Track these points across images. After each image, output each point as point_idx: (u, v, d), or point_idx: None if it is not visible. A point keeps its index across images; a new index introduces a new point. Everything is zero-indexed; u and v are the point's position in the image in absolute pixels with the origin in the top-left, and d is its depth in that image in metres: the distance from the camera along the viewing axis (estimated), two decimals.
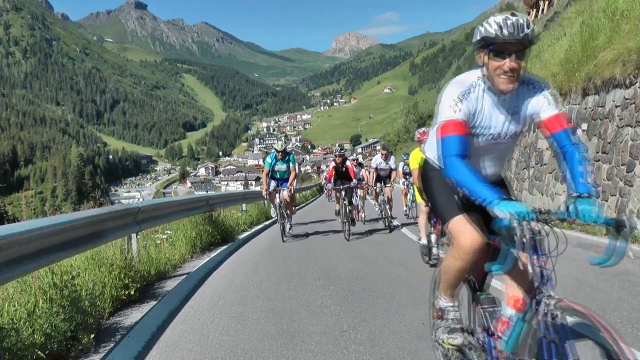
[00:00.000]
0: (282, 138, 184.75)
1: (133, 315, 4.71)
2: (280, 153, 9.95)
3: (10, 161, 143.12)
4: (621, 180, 8.60)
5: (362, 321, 4.28)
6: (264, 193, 10.15)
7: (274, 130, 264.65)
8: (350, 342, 3.79)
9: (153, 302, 5.16)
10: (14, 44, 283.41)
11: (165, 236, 7.77)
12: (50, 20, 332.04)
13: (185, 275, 6.51)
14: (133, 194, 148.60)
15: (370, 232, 10.89)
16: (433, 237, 6.65)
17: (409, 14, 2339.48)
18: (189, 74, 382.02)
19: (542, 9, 32.90)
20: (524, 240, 2.02)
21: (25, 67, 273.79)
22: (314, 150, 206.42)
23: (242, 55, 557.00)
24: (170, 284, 6.06)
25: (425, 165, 2.92)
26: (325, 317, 4.44)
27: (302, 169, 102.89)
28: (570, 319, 2.00)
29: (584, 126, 10.41)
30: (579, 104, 10.81)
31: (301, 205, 22.32)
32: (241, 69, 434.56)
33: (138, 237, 6.43)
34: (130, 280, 5.16)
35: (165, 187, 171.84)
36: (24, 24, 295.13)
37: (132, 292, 5.08)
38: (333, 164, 10.80)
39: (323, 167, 22.52)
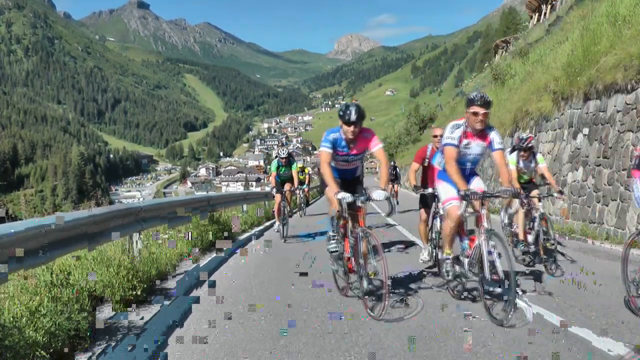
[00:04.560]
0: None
1: (135, 315, 4.73)
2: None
3: (11, 159, 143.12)
4: (622, 185, 8.61)
5: (363, 324, 4.30)
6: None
7: (275, 131, 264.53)
8: (352, 344, 3.80)
9: (154, 303, 5.18)
10: (16, 42, 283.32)
11: (166, 236, 7.79)
12: (53, 19, 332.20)
13: (187, 276, 6.53)
14: (133, 194, 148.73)
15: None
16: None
17: (408, 16, 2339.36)
18: (191, 74, 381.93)
19: (545, 13, 32.96)
20: None
21: (27, 66, 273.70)
22: (315, 152, 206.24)
23: (244, 56, 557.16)
24: (171, 284, 6.08)
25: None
26: (326, 319, 4.46)
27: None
28: None
29: (585, 131, 10.43)
30: (580, 109, 10.83)
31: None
32: (243, 70, 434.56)
33: (140, 236, 6.45)
34: (137, 280, 5.19)
35: (165, 187, 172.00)
36: (26, 22, 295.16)
37: (138, 292, 5.12)
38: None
39: None
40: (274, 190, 10.63)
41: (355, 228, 4.91)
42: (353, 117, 4.87)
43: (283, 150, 11.30)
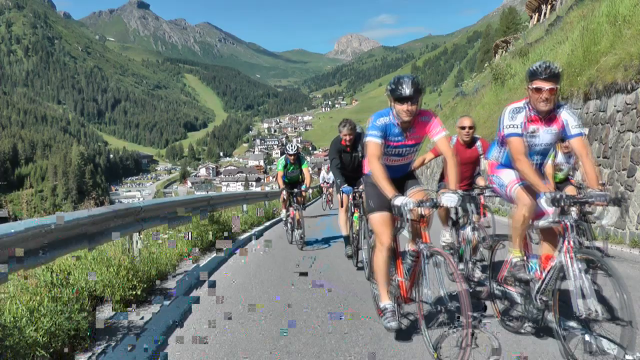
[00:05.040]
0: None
1: (135, 315, 4.73)
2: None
3: (11, 159, 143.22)
4: (622, 185, 8.61)
5: (363, 323, 4.30)
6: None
7: (275, 131, 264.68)
8: (352, 344, 3.80)
9: (154, 303, 5.19)
10: (16, 42, 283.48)
11: (166, 236, 7.80)
12: (53, 19, 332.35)
13: (187, 276, 6.53)
14: (133, 194, 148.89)
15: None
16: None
17: (408, 16, 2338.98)
18: (191, 74, 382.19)
19: (545, 13, 32.95)
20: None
21: (27, 66, 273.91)
22: (315, 152, 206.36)
23: (244, 56, 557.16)
24: (171, 284, 6.08)
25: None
26: (326, 319, 4.46)
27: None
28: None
29: (585, 130, 10.43)
30: (580, 109, 10.84)
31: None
32: (243, 70, 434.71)
33: (140, 236, 6.44)
34: (138, 280, 5.20)
35: (165, 187, 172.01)
36: (26, 22, 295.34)
37: (138, 292, 5.13)
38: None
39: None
40: (284, 192, 9.36)
41: (417, 244, 3.72)
42: (408, 90, 3.62)
43: (291, 145, 9.57)
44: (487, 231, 5.63)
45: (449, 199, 3.50)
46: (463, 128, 5.83)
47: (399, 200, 3.52)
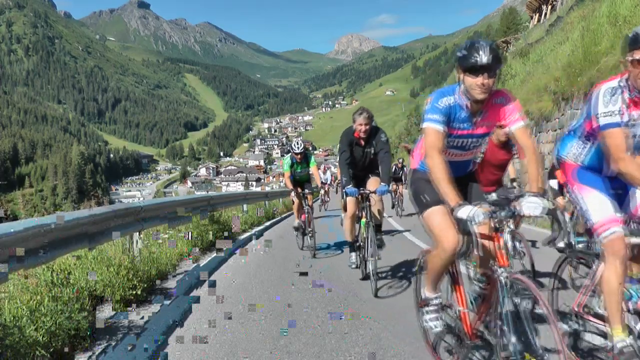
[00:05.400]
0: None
1: (135, 315, 4.73)
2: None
3: (11, 159, 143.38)
4: None
5: (363, 324, 4.29)
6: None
7: (275, 131, 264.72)
8: (352, 344, 3.80)
9: (154, 302, 5.19)
10: (16, 41, 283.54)
11: (167, 235, 7.80)
12: (53, 18, 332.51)
13: (187, 275, 6.53)
14: (134, 193, 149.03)
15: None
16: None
17: (408, 16, 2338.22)
18: (191, 73, 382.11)
19: (545, 14, 32.93)
20: None
21: (27, 65, 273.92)
22: (316, 152, 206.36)
23: (245, 56, 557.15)
24: (171, 284, 6.08)
25: None
26: (326, 319, 4.46)
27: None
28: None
29: None
30: (580, 109, 10.84)
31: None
32: (243, 70, 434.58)
33: (141, 236, 6.45)
34: (138, 280, 5.20)
35: (165, 187, 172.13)
36: (27, 22, 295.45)
37: (139, 292, 5.14)
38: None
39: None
40: (293, 193, 8.56)
41: (491, 267, 2.77)
42: (485, 57, 2.67)
43: (297, 143, 8.83)
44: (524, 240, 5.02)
45: (532, 206, 2.58)
46: (501, 127, 5.21)
47: (464, 212, 2.60)
